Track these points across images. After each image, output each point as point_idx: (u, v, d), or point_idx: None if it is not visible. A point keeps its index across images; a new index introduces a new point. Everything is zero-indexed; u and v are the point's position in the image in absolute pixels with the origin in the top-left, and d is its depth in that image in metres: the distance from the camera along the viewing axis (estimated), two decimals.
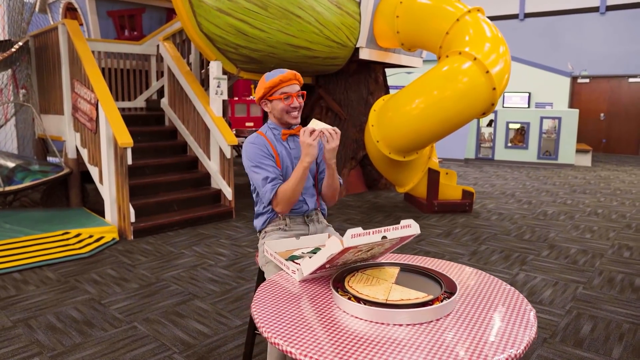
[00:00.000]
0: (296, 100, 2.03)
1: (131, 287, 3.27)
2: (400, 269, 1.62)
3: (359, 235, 1.40)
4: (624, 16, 11.71)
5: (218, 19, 4.69)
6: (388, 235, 1.47)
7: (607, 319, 2.88)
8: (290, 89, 2.02)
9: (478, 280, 1.63)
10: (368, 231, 1.43)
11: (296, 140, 2.12)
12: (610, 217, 5.44)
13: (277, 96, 2.01)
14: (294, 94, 2.02)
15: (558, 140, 9.51)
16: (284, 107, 2.02)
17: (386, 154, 5.11)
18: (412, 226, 1.54)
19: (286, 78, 2.00)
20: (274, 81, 1.99)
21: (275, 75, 2.00)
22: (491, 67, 4.54)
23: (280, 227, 2.11)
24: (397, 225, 1.51)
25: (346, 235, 1.39)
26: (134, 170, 4.96)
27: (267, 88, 2.00)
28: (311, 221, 2.16)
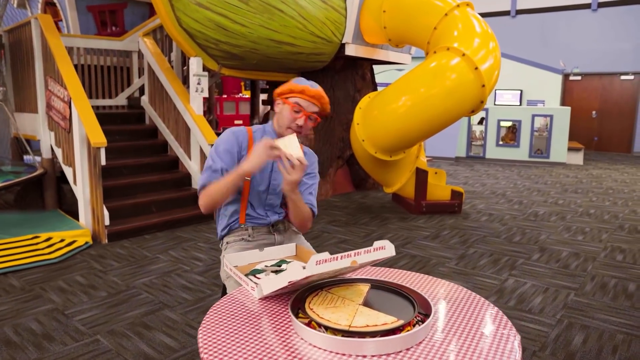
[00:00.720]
0: (304, 120, 1.83)
1: (99, 295, 3.09)
2: (371, 286, 1.45)
3: (325, 262, 1.23)
4: (616, 13, 11.61)
5: (197, 14, 4.50)
6: (359, 260, 1.30)
7: (599, 329, 2.73)
8: (305, 105, 1.82)
9: (458, 298, 1.46)
10: (335, 256, 1.26)
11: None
12: (602, 218, 5.31)
13: (290, 102, 1.82)
14: (306, 112, 1.83)
15: (550, 139, 9.40)
16: (289, 119, 1.83)
17: (372, 153, 4.95)
18: (386, 248, 1.37)
19: (310, 93, 1.81)
20: (297, 87, 1.81)
21: (303, 84, 1.83)
22: (480, 64, 4.38)
23: (243, 238, 1.94)
24: (369, 247, 1.34)
25: (310, 261, 1.22)
26: (110, 170, 4.77)
27: (288, 88, 1.83)
28: (277, 230, 1.99)
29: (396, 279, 1.61)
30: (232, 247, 1.93)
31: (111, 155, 4.90)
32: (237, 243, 1.94)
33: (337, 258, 1.26)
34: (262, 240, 1.94)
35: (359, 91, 6.46)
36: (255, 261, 1.78)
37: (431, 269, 3.66)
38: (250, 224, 1.94)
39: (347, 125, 6.28)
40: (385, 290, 1.44)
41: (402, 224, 4.99)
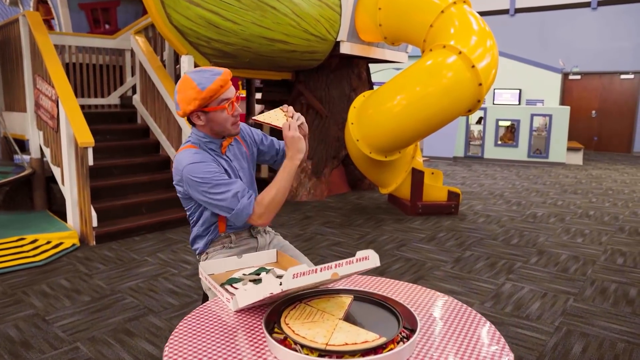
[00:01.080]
0: (237, 106, 1.69)
1: (82, 300, 2.99)
2: (354, 298, 1.36)
3: (303, 275, 1.14)
4: (616, 12, 11.51)
5: (188, 11, 4.40)
6: (340, 272, 1.20)
7: (599, 336, 2.63)
8: (230, 93, 1.66)
9: (447, 311, 1.37)
10: (314, 268, 1.16)
11: (233, 149, 1.82)
12: (602, 220, 5.22)
13: (216, 106, 1.63)
14: (234, 99, 1.67)
15: (549, 138, 9.30)
16: (227, 117, 1.66)
17: (367, 153, 4.85)
18: (370, 258, 1.27)
19: (225, 81, 1.62)
20: (213, 88, 1.59)
21: (213, 80, 1.59)
22: (477, 62, 4.29)
23: (225, 245, 1.84)
24: (351, 258, 1.24)
25: (286, 275, 1.12)
26: (100, 170, 4.67)
27: (204, 99, 1.60)
28: (258, 233, 1.89)
29: (383, 289, 1.51)
30: (212, 257, 1.84)
31: (102, 155, 4.81)
32: (217, 252, 1.84)
33: (316, 270, 1.16)
34: (245, 245, 1.85)
35: (354, 90, 6.36)
36: (233, 269, 1.69)
37: (426, 273, 3.57)
38: (231, 230, 1.84)
39: (342, 125, 6.18)
40: (369, 303, 1.35)
41: (397, 226, 4.89)
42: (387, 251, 4.08)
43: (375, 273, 3.55)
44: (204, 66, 4.86)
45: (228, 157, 1.79)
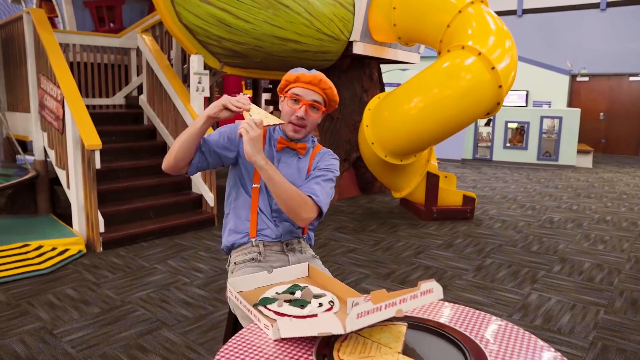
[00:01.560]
0: (304, 110, 1.62)
1: (91, 311, 2.85)
2: (408, 326, 1.22)
3: (367, 314, 1.00)
4: (625, 13, 11.37)
5: (198, 9, 4.26)
6: (404, 308, 1.06)
7: (639, 353, 2.50)
8: (303, 93, 1.63)
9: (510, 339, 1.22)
10: (379, 305, 1.03)
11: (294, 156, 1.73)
12: (620, 225, 5.08)
13: (288, 94, 1.66)
14: (305, 101, 1.62)
15: (559, 141, 9.16)
16: (289, 112, 1.65)
17: (382, 157, 4.71)
18: (434, 291, 1.13)
19: (305, 78, 1.62)
20: (291, 76, 1.66)
21: (298, 71, 1.66)
22: (497, 63, 4.15)
23: (254, 257, 1.70)
24: (415, 291, 1.11)
25: (351, 315, 0.98)
26: (106, 173, 4.52)
27: (284, 81, 1.69)
28: (291, 250, 1.75)
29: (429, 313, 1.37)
30: (240, 269, 1.70)
31: (107, 157, 4.67)
32: (246, 265, 1.70)
33: (381, 308, 1.02)
34: (275, 262, 1.70)
35: (366, 91, 6.22)
36: (264, 285, 1.55)
37: (448, 282, 3.43)
38: (261, 238, 1.71)
39: (353, 127, 6.04)
40: (426, 331, 1.21)
41: (412, 231, 4.75)
42: (405, 259, 3.94)
43: (397, 282, 3.41)
44: (215, 66, 4.74)
45: (280, 157, 1.73)
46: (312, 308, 1.32)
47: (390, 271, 3.65)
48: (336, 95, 1.68)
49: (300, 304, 1.34)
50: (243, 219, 1.74)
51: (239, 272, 1.68)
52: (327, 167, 1.70)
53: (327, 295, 1.40)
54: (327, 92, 1.65)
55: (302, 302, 1.35)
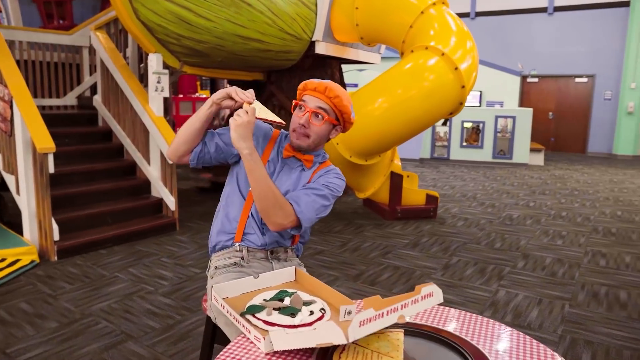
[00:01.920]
0: (307, 117, 1.55)
1: (48, 326, 2.67)
2: (405, 333, 1.18)
3: (370, 321, 0.94)
4: (571, 17, 11.89)
5: (157, 5, 4.10)
6: (406, 314, 1.02)
7: (604, 344, 2.57)
8: (308, 100, 1.57)
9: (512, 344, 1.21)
10: (380, 312, 0.98)
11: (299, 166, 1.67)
12: (575, 221, 5.28)
13: (297, 102, 1.61)
14: (309, 108, 1.55)
15: (512, 140, 9.46)
16: (294, 119, 1.59)
17: (347, 157, 4.69)
18: (434, 294, 1.09)
19: (311, 85, 1.57)
20: (300, 87, 1.62)
21: (307, 81, 1.61)
22: (460, 63, 4.22)
23: (236, 262, 1.62)
24: (416, 296, 1.06)
25: (353, 324, 0.93)
26: (59, 178, 4.28)
27: (298, 90, 1.64)
28: (276, 259, 1.68)
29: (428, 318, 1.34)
30: (221, 274, 1.61)
31: (60, 161, 4.40)
32: (227, 270, 1.61)
33: (383, 315, 0.98)
34: (257, 268, 1.62)
35: None
36: (250, 290, 1.47)
37: (417, 282, 3.44)
38: (246, 243, 1.63)
39: None
40: (423, 337, 1.17)
41: (378, 231, 4.75)
42: (373, 259, 3.92)
43: (367, 283, 3.39)
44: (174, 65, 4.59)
45: (283, 163, 1.67)
46: (303, 317, 1.26)
47: (360, 272, 3.63)
48: (347, 107, 1.56)
49: (291, 312, 1.27)
50: (231, 218, 1.66)
51: (219, 277, 1.60)
52: (327, 183, 1.60)
53: (317, 302, 1.35)
54: (334, 101, 1.54)
55: (292, 310, 1.28)
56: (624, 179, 8.26)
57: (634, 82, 11.14)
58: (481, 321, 1.34)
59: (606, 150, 11.83)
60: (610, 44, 11.54)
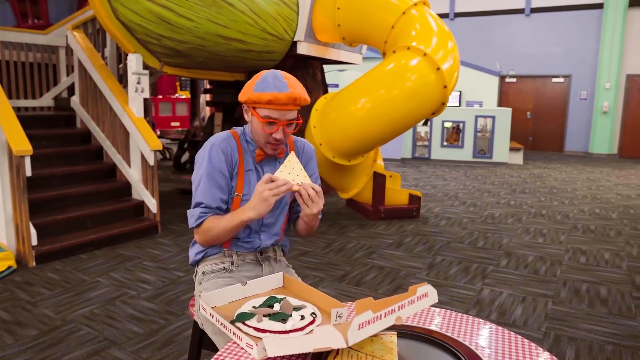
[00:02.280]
0: (282, 132, 1.49)
1: (28, 334, 2.60)
2: (398, 335, 1.17)
3: (368, 324, 0.93)
4: (547, 18, 12.09)
5: (137, 5, 4.03)
6: (403, 315, 1.01)
7: (587, 340, 2.61)
8: (279, 115, 1.46)
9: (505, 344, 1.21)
10: (378, 314, 0.97)
11: (271, 163, 1.62)
12: (555, 219, 5.36)
13: (259, 114, 1.48)
14: (282, 122, 1.47)
15: (492, 139, 9.58)
16: (263, 134, 1.50)
17: (330, 158, 4.69)
18: (429, 294, 1.09)
19: (280, 100, 1.43)
20: (262, 98, 1.44)
21: (268, 91, 1.44)
22: (442, 63, 4.24)
23: (225, 267, 1.59)
24: (412, 297, 1.06)
25: (352, 327, 0.91)
26: (37, 181, 4.18)
27: (253, 97, 1.47)
28: (266, 259, 1.66)
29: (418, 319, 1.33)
30: (209, 279, 1.58)
31: (38, 164, 4.31)
32: (216, 275, 1.58)
33: (381, 317, 0.97)
34: (248, 272, 1.60)
35: (310, 92, 6.17)
36: (238, 298, 1.44)
37: (403, 282, 3.45)
38: (236, 249, 1.60)
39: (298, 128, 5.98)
40: (415, 339, 1.17)
41: (362, 232, 4.76)
42: (358, 259, 3.92)
43: (352, 284, 3.39)
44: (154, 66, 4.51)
45: (262, 168, 1.60)
46: (294, 322, 1.24)
47: (345, 273, 3.62)
48: (307, 98, 1.52)
49: (281, 318, 1.26)
50: None
51: (208, 282, 1.56)
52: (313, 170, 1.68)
53: (307, 307, 1.33)
54: (301, 102, 1.49)
55: (282, 315, 1.27)
56: (600, 177, 8.44)
57: (609, 82, 11.39)
58: (467, 320, 1.34)
59: (582, 149, 12.07)
60: (585, 45, 11.78)
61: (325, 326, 0.93)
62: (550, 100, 12.36)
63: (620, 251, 4.22)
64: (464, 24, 12.87)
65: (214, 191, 1.53)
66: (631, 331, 2.73)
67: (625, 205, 6.13)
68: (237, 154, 1.56)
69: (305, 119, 5.44)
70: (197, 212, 1.53)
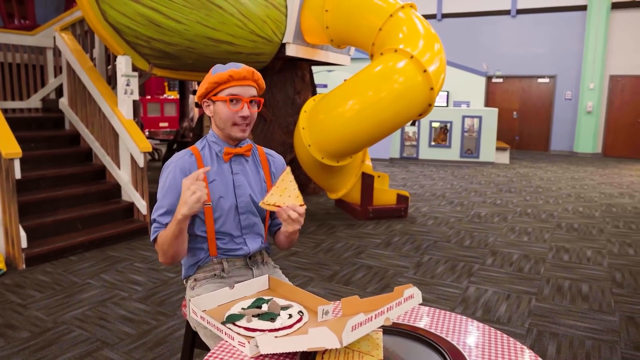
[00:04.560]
0: (247, 108, 1.54)
1: (19, 337, 2.62)
2: (383, 332, 1.23)
3: (360, 325, 0.99)
4: (533, 20, 12.26)
5: (125, 7, 4.05)
6: (391, 316, 1.07)
7: (568, 335, 2.70)
8: (241, 91, 1.52)
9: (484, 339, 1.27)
10: (369, 316, 1.02)
11: (246, 167, 1.65)
12: (540, 217, 5.47)
13: (222, 97, 1.53)
14: (245, 99, 1.53)
15: (479, 139, 9.70)
16: (229, 114, 1.53)
17: (319, 159, 4.74)
18: (414, 296, 1.15)
19: (239, 75, 1.51)
20: (222, 76, 1.51)
21: (225, 70, 1.52)
22: (428, 66, 4.31)
23: (216, 274, 1.64)
24: (398, 299, 1.11)
25: (346, 328, 0.96)
26: (26, 183, 4.18)
27: (211, 83, 1.52)
28: (255, 263, 1.70)
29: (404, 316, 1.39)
30: (202, 285, 1.62)
31: (26, 166, 4.32)
32: (208, 281, 1.63)
33: (372, 318, 1.02)
34: (239, 277, 1.64)
35: (298, 93, 6.23)
36: (227, 301, 1.49)
37: (391, 281, 3.51)
38: (224, 256, 1.64)
39: (287, 129, 6.03)
40: (402, 336, 1.23)
41: (350, 232, 4.82)
42: (347, 259, 3.98)
43: (341, 283, 3.44)
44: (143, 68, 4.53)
45: (231, 168, 1.63)
46: (283, 320, 1.29)
47: (334, 273, 3.68)
48: (264, 83, 1.60)
49: (270, 317, 1.31)
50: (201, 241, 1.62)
51: (200, 288, 1.60)
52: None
53: (294, 306, 1.38)
54: (259, 82, 1.57)
55: (271, 315, 1.32)
56: (584, 176, 8.59)
57: (593, 83, 11.59)
58: (453, 318, 1.40)
59: (567, 148, 12.26)
60: (570, 46, 11.97)
61: (321, 327, 0.98)
62: (536, 100, 12.53)
63: (602, 249, 4.33)
64: (451, 25, 13.00)
65: (165, 210, 1.55)
66: (610, 326, 2.83)
67: (608, 203, 6.27)
68: (196, 166, 1.57)
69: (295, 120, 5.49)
70: (153, 229, 1.58)
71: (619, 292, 3.35)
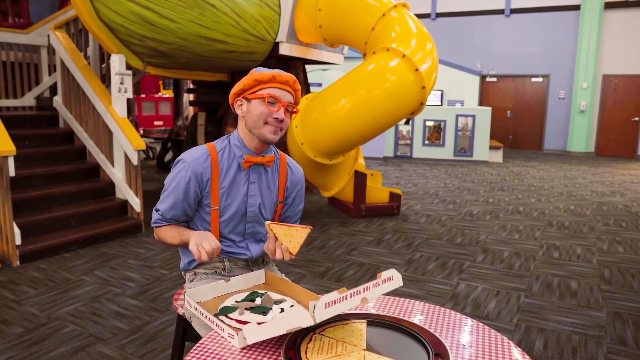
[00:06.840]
0: (283, 112, 1.52)
1: (13, 332, 2.64)
2: (367, 323, 1.26)
3: (335, 303, 1.02)
4: (527, 19, 12.34)
5: (119, 6, 4.07)
6: (369, 296, 1.11)
7: (556, 331, 2.74)
8: (280, 94, 1.52)
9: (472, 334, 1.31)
10: (344, 295, 1.06)
11: (262, 171, 1.64)
12: (532, 215, 5.53)
13: (260, 94, 1.51)
14: (283, 102, 1.52)
15: (473, 138, 9.76)
16: (265, 112, 1.51)
17: (311, 157, 4.77)
18: (394, 278, 1.18)
19: (282, 78, 1.52)
20: (265, 75, 1.51)
21: (270, 71, 1.53)
22: (420, 65, 4.35)
23: (217, 271, 1.67)
24: (377, 280, 1.15)
25: (319, 304, 1.00)
26: (19, 181, 4.19)
27: (252, 80, 1.52)
28: (255, 264, 1.74)
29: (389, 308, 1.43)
30: (201, 279, 1.65)
31: (21, 164, 4.33)
32: (208, 276, 1.66)
33: (347, 297, 1.06)
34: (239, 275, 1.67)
35: None
36: (221, 294, 1.53)
37: None
38: (227, 256, 1.67)
39: None
40: (385, 328, 1.26)
41: (343, 229, 4.86)
42: (339, 256, 4.02)
43: (333, 280, 3.48)
44: (137, 66, 4.55)
45: (248, 176, 1.62)
46: (274, 314, 1.33)
47: (326, 269, 3.72)
48: (300, 93, 1.61)
49: (262, 311, 1.34)
50: None
51: (199, 282, 1.64)
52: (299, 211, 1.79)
53: (287, 301, 1.42)
54: (297, 93, 1.57)
55: (263, 308, 1.35)
56: (577, 175, 8.67)
57: (586, 82, 11.67)
58: (443, 313, 1.44)
59: (561, 147, 12.34)
60: (563, 46, 12.05)
61: (295, 307, 1.01)
62: (529, 100, 12.61)
63: (592, 246, 4.38)
64: (445, 24, 13.06)
65: (169, 206, 1.60)
66: (597, 322, 2.88)
67: (599, 202, 6.33)
68: (209, 171, 1.57)
69: None
70: (155, 216, 1.65)
71: (607, 288, 3.40)
